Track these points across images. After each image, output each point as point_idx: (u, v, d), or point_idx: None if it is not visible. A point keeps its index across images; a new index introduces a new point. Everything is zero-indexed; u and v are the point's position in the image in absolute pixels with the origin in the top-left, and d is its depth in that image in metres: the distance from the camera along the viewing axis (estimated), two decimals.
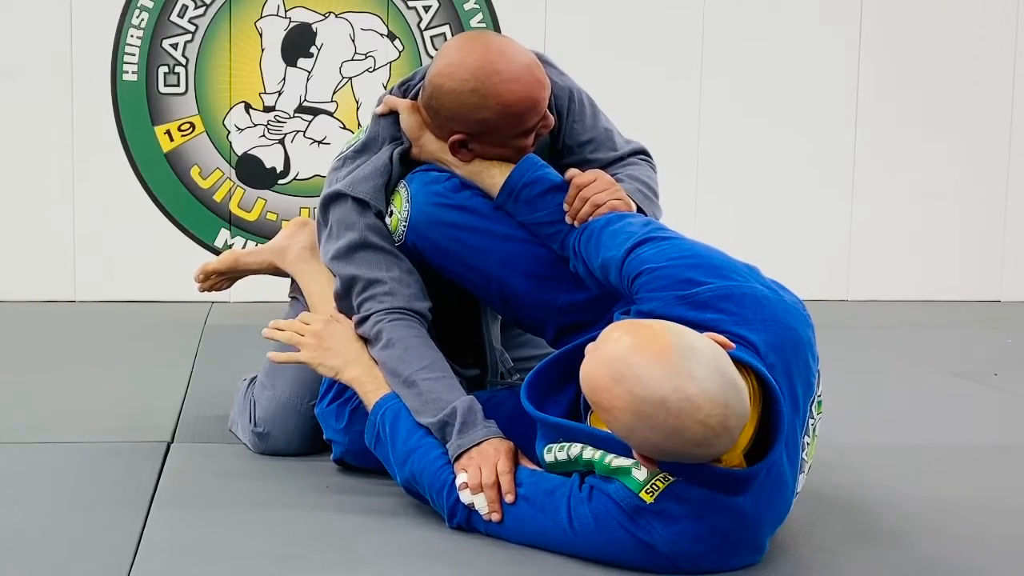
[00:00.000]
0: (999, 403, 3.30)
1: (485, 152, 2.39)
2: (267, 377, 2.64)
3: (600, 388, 1.86)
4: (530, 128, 2.37)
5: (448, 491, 2.17)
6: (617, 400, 1.84)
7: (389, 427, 2.27)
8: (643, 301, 2.08)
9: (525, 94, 2.33)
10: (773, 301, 2.05)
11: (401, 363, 2.31)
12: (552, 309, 2.40)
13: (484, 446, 2.17)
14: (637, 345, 1.85)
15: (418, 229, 2.39)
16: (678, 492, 1.94)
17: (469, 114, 2.34)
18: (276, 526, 2.21)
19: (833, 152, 4.74)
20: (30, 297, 4.43)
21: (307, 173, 4.53)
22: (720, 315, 2.01)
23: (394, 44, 4.51)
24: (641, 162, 2.51)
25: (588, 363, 1.89)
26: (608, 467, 1.99)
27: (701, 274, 2.07)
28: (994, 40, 4.74)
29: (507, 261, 2.39)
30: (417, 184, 2.40)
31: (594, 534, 2.00)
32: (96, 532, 2.17)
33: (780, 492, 2.02)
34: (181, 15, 4.41)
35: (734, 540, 1.99)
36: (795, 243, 4.69)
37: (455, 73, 2.33)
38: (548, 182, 2.36)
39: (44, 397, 3.13)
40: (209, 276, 2.92)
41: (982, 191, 4.80)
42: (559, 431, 2.10)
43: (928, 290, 4.80)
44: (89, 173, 4.44)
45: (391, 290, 2.38)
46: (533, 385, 2.18)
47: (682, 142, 4.62)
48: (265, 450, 2.61)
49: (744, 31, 4.64)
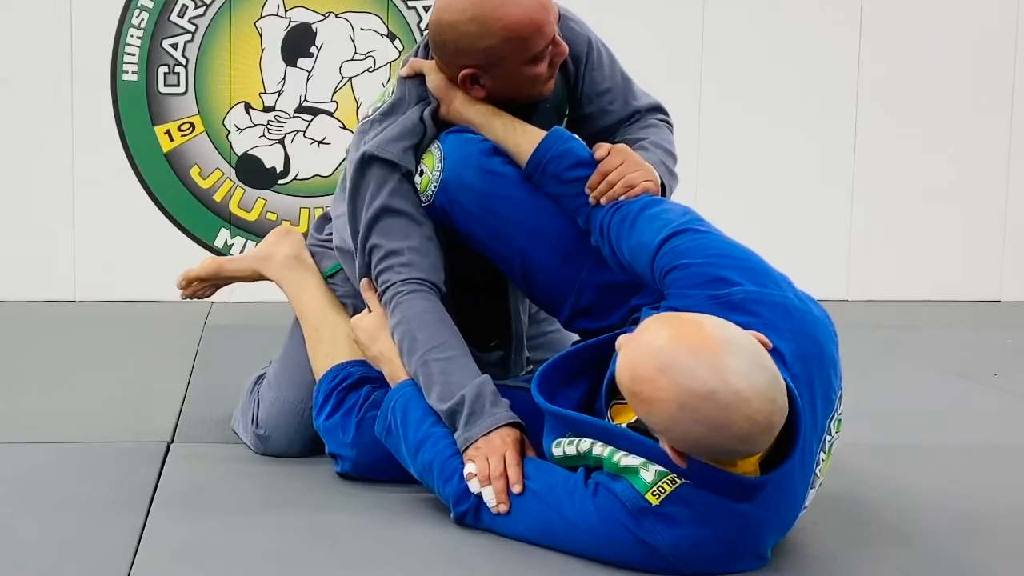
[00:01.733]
0: (999, 403, 3.30)
1: (498, 87, 2.35)
2: (274, 378, 2.63)
3: (644, 378, 1.83)
4: (539, 53, 2.32)
5: (457, 481, 2.14)
6: (662, 391, 1.81)
7: (400, 417, 2.25)
8: (674, 297, 2.06)
9: (526, 16, 2.28)
10: (803, 312, 2.03)
11: (414, 342, 2.28)
12: (573, 287, 2.37)
13: (492, 436, 2.15)
14: (685, 336, 1.83)
15: (449, 191, 2.35)
16: (684, 496, 1.92)
17: (473, 44, 2.30)
18: (276, 526, 2.21)
19: (833, 152, 4.74)
20: (30, 297, 4.43)
21: (307, 173, 4.53)
22: (750, 318, 1.98)
23: (394, 44, 4.51)
24: (660, 123, 2.49)
25: (629, 353, 1.86)
26: (616, 465, 1.97)
27: (737, 275, 2.05)
28: (994, 40, 4.74)
29: (534, 233, 2.36)
30: (451, 145, 2.36)
31: (597, 531, 1.99)
32: (96, 532, 2.17)
33: (788, 504, 2.01)
34: (181, 15, 4.41)
35: (736, 547, 1.97)
36: (795, 243, 4.69)
37: (453, 4, 2.30)
38: (575, 156, 2.32)
39: (44, 397, 3.13)
40: (191, 283, 2.90)
41: (982, 191, 4.80)
42: (569, 424, 2.08)
43: (928, 290, 4.80)
44: (89, 173, 4.44)
45: (408, 260, 2.34)
46: (545, 378, 2.16)
47: (682, 143, 4.61)
48: (265, 451, 2.61)
49: (744, 29, 4.64)
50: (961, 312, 4.63)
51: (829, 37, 4.68)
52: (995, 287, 4.85)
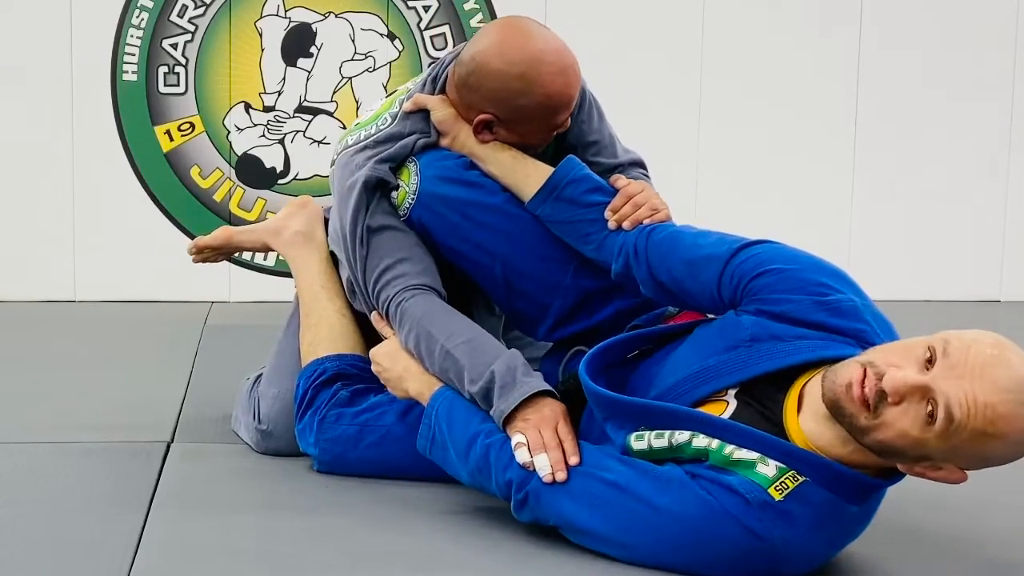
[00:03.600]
0: None
1: (507, 139, 2.39)
2: (272, 374, 2.64)
3: (1007, 416, 1.80)
4: (558, 123, 2.38)
5: (518, 467, 2.07)
6: (1021, 422, 1.81)
7: (446, 424, 2.21)
8: (770, 303, 2.06)
9: (566, 90, 2.34)
10: (892, 327, 2.07)
11: (430, 339, 2.27)
12: (558, 291, 2.39)
13: (541, 407, 2.12)
14: (1013, 361, 1.83)
15: (426, 202, 2.37)
16: (806, 494, 1.90)
17: (511, 98, 2.33)
18: (276, 526, 2.21)
19: (833, 152, 4.73)
20: (30, 297, 4.42)
21: (307, 173, 4.52)
22: (864, 326, 2.01)
23: (394, 44, 4.51)
24: (643, 176, 2.52)
25: (980, 394, 1.80)
26: (728, 458, 1.94)
27: (835, 281, 2.08)
28: (994, 38, 4.73)
29: (515, 240, 2.38)
30: (427, 159, 2.39)
31: (696, 525, 1.93)
32: (96, 532, 2.17)
33: (874, 515, 2.03)
34: (181, 15, 4.41)
35: (831, 548, 1.98)
36: (794, 243, 4.68)
37: (505, 54, 2.32)
38: (594, 182, 2.35)
39: (44, 397, 3.13)
40: (202, 250, 2.94)
41: (982, 191, 4.80)
42: (658, 417, 2.03)
43: (928, 290, 4.80)
44: (89, 173, 4.44)
45: (400, 272, 2.36)
46: (591, 371, 2.13)
47: (682, 143, 4.61)
48: (267, 448, 2.61)
49: (744, 28, 4.64)
50: (961, 312, 4.63)
51: (829, 37, 4.68)
52: (995, 287, 4.85)
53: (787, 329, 2.04)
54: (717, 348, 2.09)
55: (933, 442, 1.83)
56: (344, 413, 2.44)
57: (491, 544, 2.12)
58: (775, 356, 2.02)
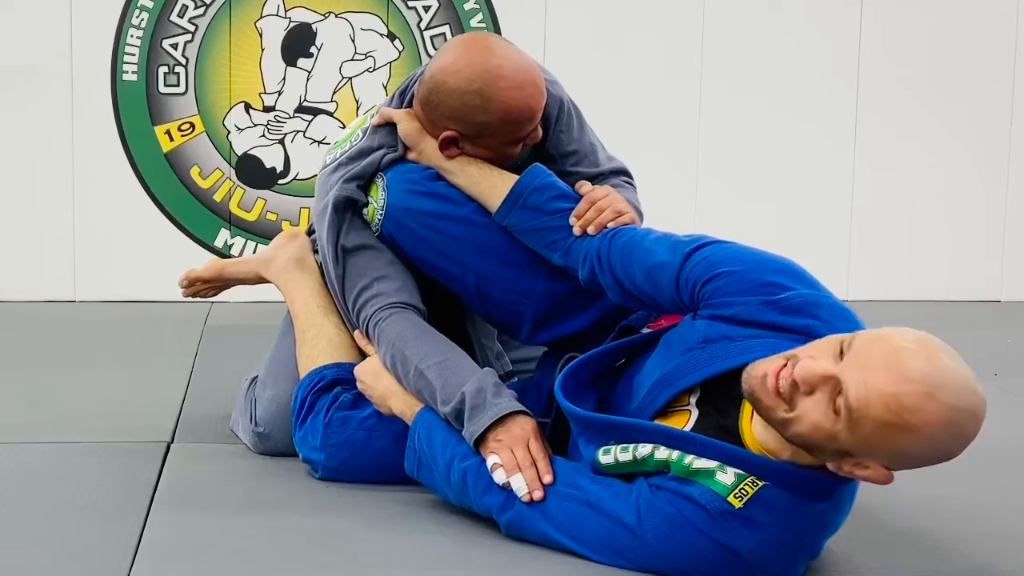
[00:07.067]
0: (999, 403, 3.28)
1: (474, 154, 2.41)
2: (268, 376, 2.65)
3: (912, 408, 1.77)
4: (522, 136, 2.39)
5: (497, 489, 2.10)
6: (932, 415, 1.78)
7: (427, 445, 2.23)
8: (720, 306, 2.05)
9: (526, 104, 2.34)
10: (853, 314, 2.04)
11: (404, 360, 2.30)
12: (532, 298, 2.39)
13: (511, 427, 2.13)
14: (933, 355, 1.81)
15: (395, 217, 2.39)
16: (767, 498, 1.90)
17: (468, 115, 2.35)
18: (276, 526, 2.21)
19: (833, 152, 4.73)
20: (30, 297, 4.42)
21: (307, 173, 4.52)
22: (814, 321, 1.99)
23: (394, 44, 4.51)
24: (625, 184, 2.52)
25: (882, 384, 1.78)
26: (688, 468, 1.94)
27: (784, 279, 2.05)
28: (994, 39, 4.73)
29: (485, 249, 2.39)
30: (393, 174, 2.41)
31: (669, 539, 1.95)
32: (96, 532, 2.17)
33: (849, 502, 2.01)
34: (181, 15, 4.41)
35: (806, 547, 1.97)
36: (794, 243, 4.68)
37: (461, 72, 2.34)
38: (559, 189, 2.36)
39: (44, 397, 3.13)
40: (194, 283, 2.93)
41: (982, 191, 4.80)
42: (619, 431, 2.04)
43: (927, 290, 4.80)
44: (89, 173, 4.43)
45: (377, 291, 2.39)
46: (566, 388, 2.14)
47: (682, 142, 4.61)
48: (265, 450, 2.61)
49: (744, 31, 4.64)
50: (961, 312, 4.63)
51: (829, 39, 4.68)
52: (995, 287, 4.85)
53: (739, 330, 2.04)
54: (676, 353, 2.10)
55: (843, 435, 1.82)
56: (350, 417, 2.43)
57: (491, 544, 2.12)
58: (728, 356, 2.02)
